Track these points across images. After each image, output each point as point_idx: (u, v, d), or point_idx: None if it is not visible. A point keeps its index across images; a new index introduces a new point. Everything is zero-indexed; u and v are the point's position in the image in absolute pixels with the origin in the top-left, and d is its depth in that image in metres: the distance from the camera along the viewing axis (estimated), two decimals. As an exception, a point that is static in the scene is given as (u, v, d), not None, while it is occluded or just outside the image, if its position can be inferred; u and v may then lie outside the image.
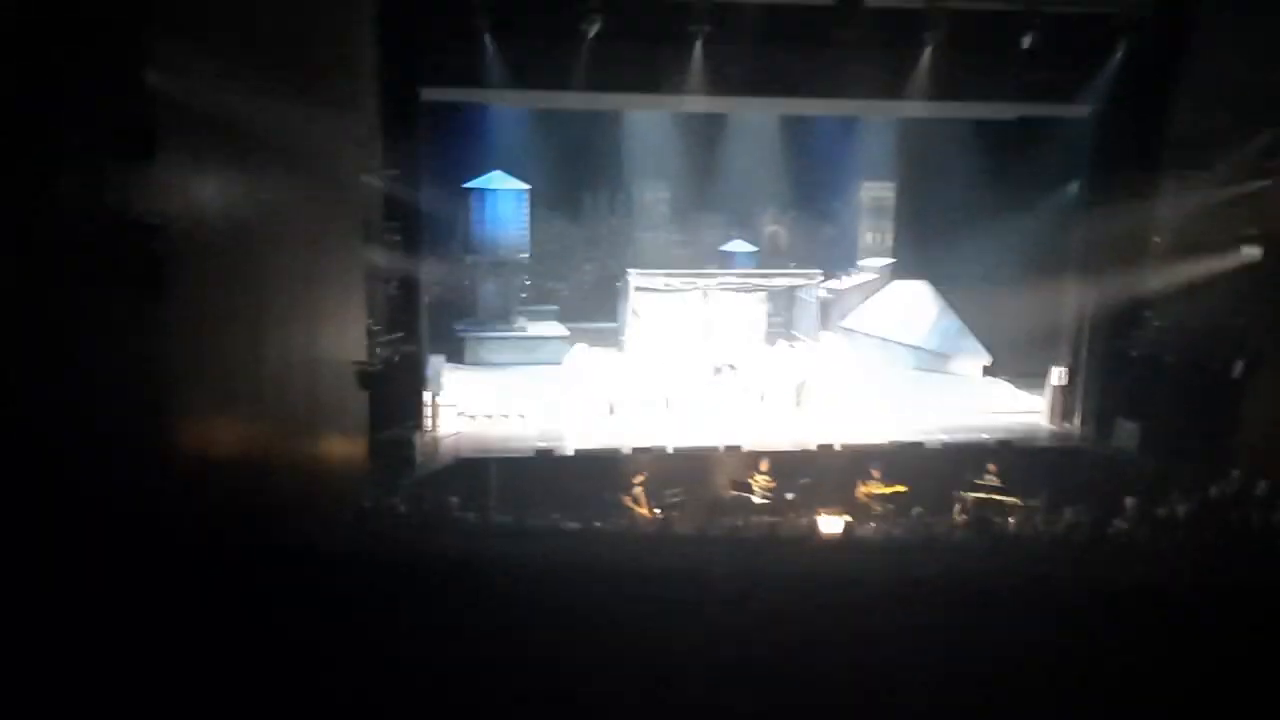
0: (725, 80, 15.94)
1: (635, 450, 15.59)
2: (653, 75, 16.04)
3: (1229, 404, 14.34)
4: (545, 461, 15.41)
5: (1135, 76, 16.19)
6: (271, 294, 10.35)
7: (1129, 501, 12.24)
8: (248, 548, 5.42)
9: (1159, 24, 13.88)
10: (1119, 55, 16.04)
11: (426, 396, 16.58)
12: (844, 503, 14.20)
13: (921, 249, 23.49)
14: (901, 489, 14.38)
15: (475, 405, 17.93)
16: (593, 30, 14.74)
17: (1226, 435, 14.32)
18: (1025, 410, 19.00)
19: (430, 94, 16.06)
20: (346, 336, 12.82)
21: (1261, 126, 14.15)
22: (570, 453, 15.80)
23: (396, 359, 14.78)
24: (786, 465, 15.02)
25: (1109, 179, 16.88)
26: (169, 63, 7.67)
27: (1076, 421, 17.94)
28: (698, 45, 15.43)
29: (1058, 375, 18.11)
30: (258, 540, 6.38)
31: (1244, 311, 14.41)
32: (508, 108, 20.81)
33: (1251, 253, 14.37)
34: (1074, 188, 18.36)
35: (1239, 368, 14.11)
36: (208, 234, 8.99)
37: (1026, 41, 15.33)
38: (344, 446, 12.85)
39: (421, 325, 16.57)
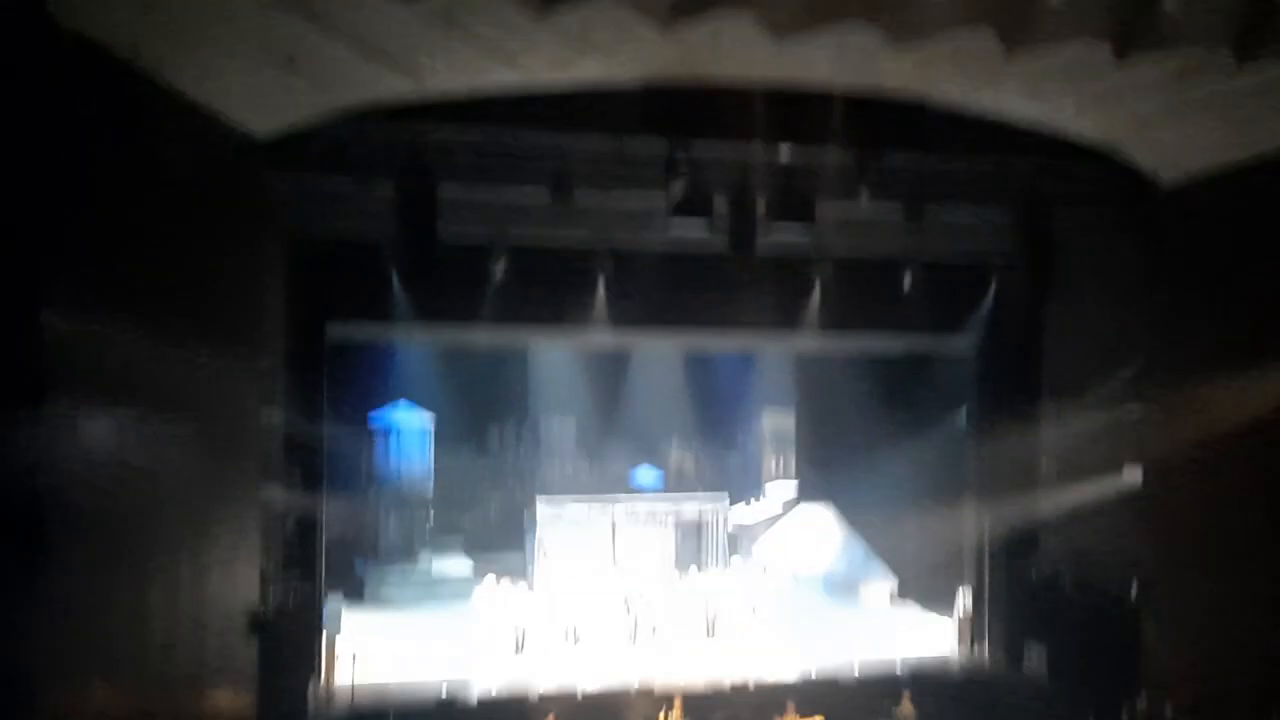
0: (627, 316, 16.55)
1: (543, 698, 14.92)
2: (557, 313, 16.58)
3: (1129, 625, 14.53)
4: (448, 713, 14.60)
5: (1008, 314, 17.35)
6: (160, 538, 9.94)
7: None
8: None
9: (1025, 265, 15.05)
10: (991, 294, 17.23)
11: (323, 641, 15.75)
12: (760, 742, 13.74)
13: (823, 475, 23.98)
14: (818, 724, 14.00)
15: (374, 649, 17.09)
16: (499, 271, 15.26)
17: (1130, 657, 14.42)
18: (935, 636, 18.92)
19: (337, 331, 16.22)
20: (239, 579, 12.26)
21: (1126, 358, 15.13)
22: (474, 703, 15.01)
23: (291, 602, 14.15)
24: (701, 704, 14.54)
25: (994, 408, 17.75)
26: (61, 302, 7.66)
27: (986, 647, 17.90)
28: (600, 284, 16.10)
29: (963, 600, 18.21)
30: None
31: (1133, 533, 14.87)
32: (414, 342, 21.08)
33: (1133, 475, 15.02)
34: (964, 414, 19.17)
35: (1135, 589, 14.40)
36: (95, 477, 8.71)
37: (907, 282, 16.35)
38: (231, 700, 12.01)
39: (319, 564, 15.98)
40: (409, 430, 22.35)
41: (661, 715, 14.22)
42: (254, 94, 10.43)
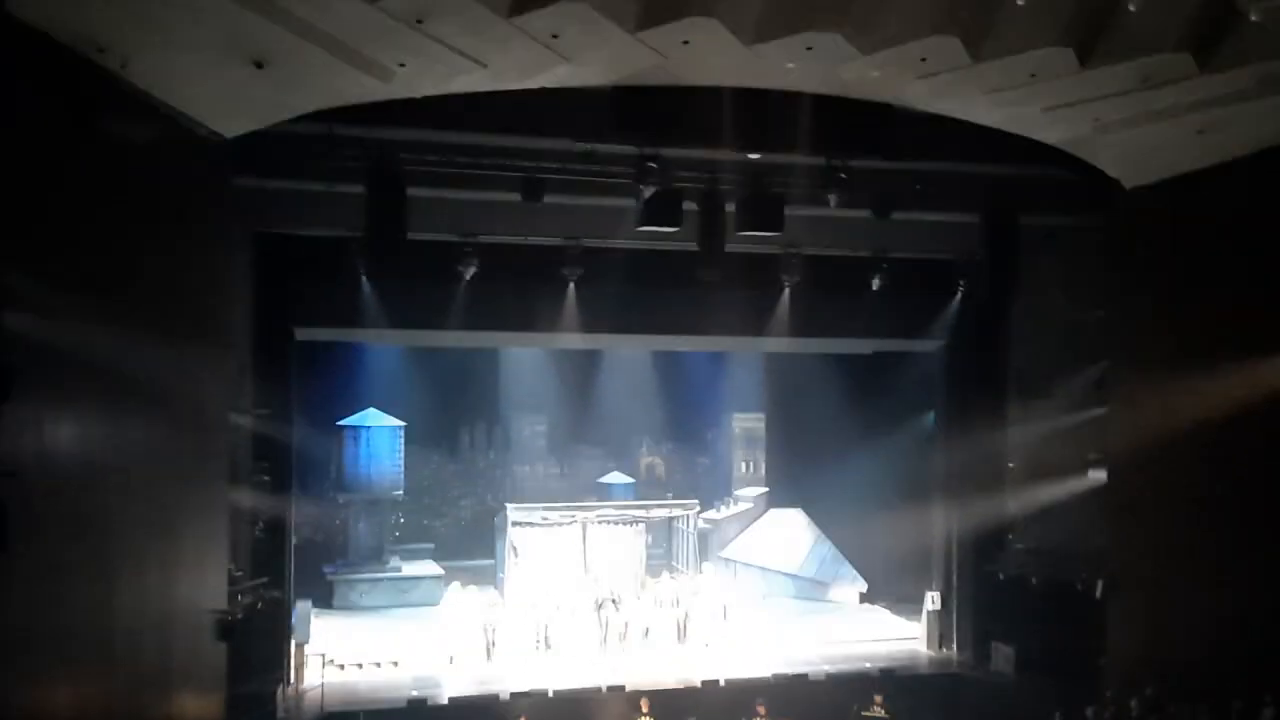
0: (597, 319, 16.59)
1: (514, 695, 14.91)
2: (527, 315, 16.60)
3: (1095, 623, 14.74)
4: (418, 713, 14.54)
5: (974, 315, 17.56)
6: (126, 540, 9.85)
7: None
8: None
9: (990, 268, 15.23)
10: (958, 296, 17.43)
11: (291, 645, 15.64)
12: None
13: (793, 477, 24.11)
14: (789, 724, 14.05)
15: (344, 653, 16.99)
16: (469, 273, 15.24)
17: (1096, 654, 14.63)
18: (904, 636, 19.08)
19: (305, 333, 16.13)
20: (206, 583, 12.16)
21: (1089, 359, 15.36)
22: (444, 701, 14.97)
23: (260, 606, 14.02)
24: (671, 704, 14.56)
25: (961, 409, 17.96)
26: (24, 302, 7.59)
27: (954, 646, 18.08)
28: (570, 287, 16.12)
29: (932, 600, 18.37)
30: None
31: (1098, 531, 15.09)
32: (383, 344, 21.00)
33: (1098, 475, 15.24)
34: (932, 416, 19.36)
35: (1100, 587, 14.61)
36: (61, 477, 8.63)
37: (875, 283, 16.50)
38: (198, 704, 11.90)
39: (288, 569, 15.88)
40: (378, 434, 22.22)
41: (634, 716, 14.22)
42: (222, 95, 10.38)
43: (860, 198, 14.11)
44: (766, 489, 25.55)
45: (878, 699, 14.41)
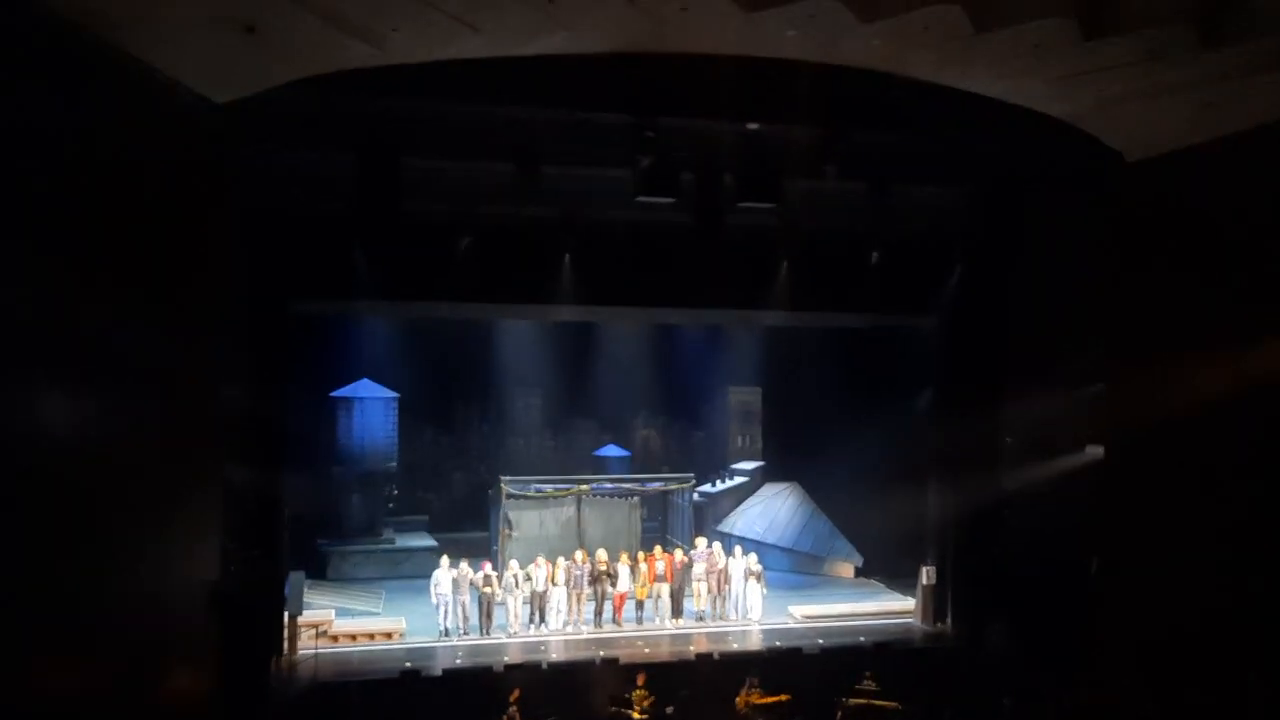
0: (593, 291, 16.45)
1: (508, 667, 14.92)
2: (522, 287, 16.45)
3: (1089, 601, 14.75)
4: (412, 683, 14.56)
5: (973, 291, 17.45)
6: (118, 515, 9.78)
7: (1005, 702, 12.27)
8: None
9: (990, 243, 15.16)
10: (957, 271, 17.31)
11: (285, 616, 15.63)
12: (725, 714, 13.79)
13: (789, 452, 24.10)
14: (784, 698, 14.09)
15: (338, 624, 17.02)
16: (463, 244, 15.09)
17: (1090, 632, 14.64)
18: (899, 611, 19.13)
19: (299, 305, 16.00)
20: (200, 556, 12.12)
21: (1089, 336, 15.26)
22: (438, 673, 14.99)
23: (253, 578, 13.99)
24: (665, 677, 14.59)
25: (958, 384, 17.86)
26: (13, 275, 7.48)
27: (949, 622, 18.12)
28: (566, 259, 15.98)
29: (927, 575, 18.39)
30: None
31: (1095, 509, 15.06)
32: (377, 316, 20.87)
33: (1095, 451, 15.20)
34: (930, 393, 19.29)
35: (1094, 564, 14.61)
36: (50, 454, 8.54)
37: (873, 258, 16.38)
38: (193, 675, 11.89)
39: (282, 541, 15.83)
40: (371, 405, 22.15)
41: (628, 690, 14.24)
42: (212, 60, 10.19)
43: (859, 171, 13.98)
44: (762, 463, 25.55)
45: (869, 673, 14.47)
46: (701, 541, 19.16)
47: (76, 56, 8.70)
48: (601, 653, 15.73)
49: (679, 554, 18.85)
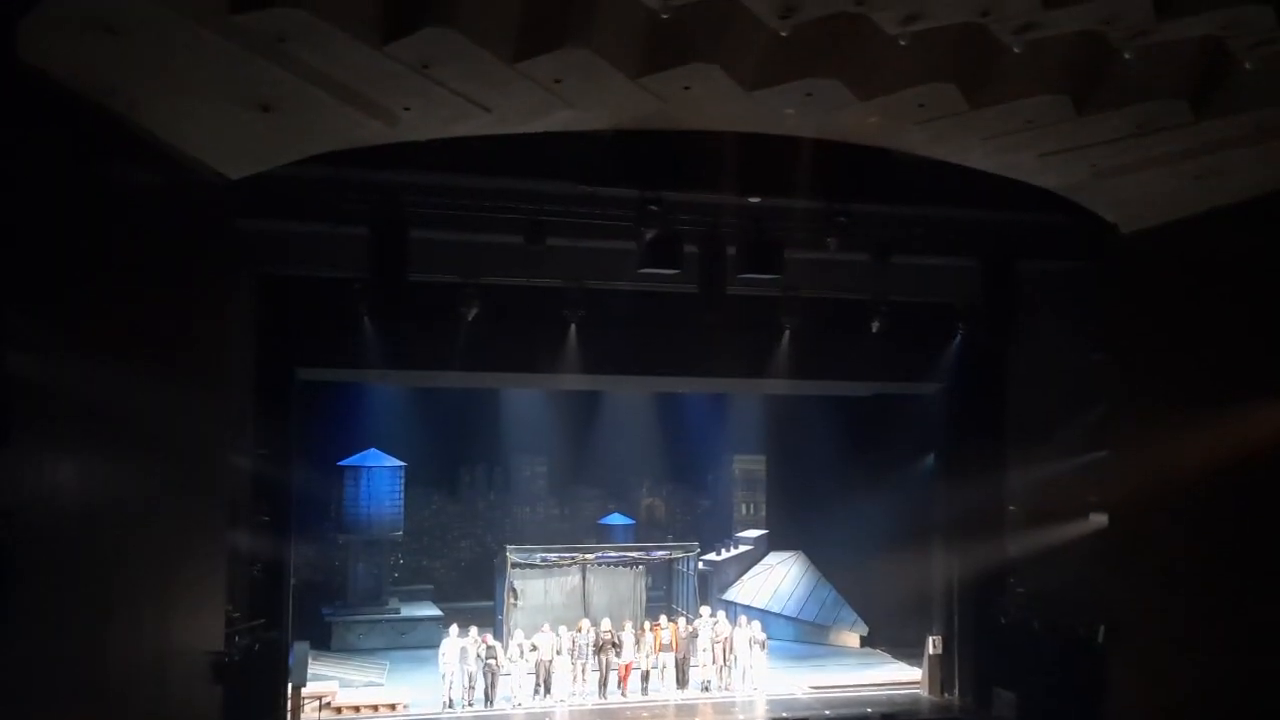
0: (598, 360, 16.62)
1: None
2: (529, 356, 16.62)
3: (1097, 668, 14.60)
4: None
5: (974, 358, 17.58)
6: (124, 581, 9.80)
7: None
8: None
9: (990, 311, 15.27)
10: (958, 339, 17.47)
11: (289, 688, 15.50)
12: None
13: (794, 519, 24.02)
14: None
15: (341, 695, 16.87)
16: (470, 314, 15.29)
17: (1098, 699, 14.47)
18: (905, 680, 18.91)
19: (307, 374, 16.15)
20: (203, 625, 12.08)
21: (1089, 403, 15.34)
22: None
23: (257, 647, 13.92)
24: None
25: (961, 451, 17.91)
26: (27, 342, 7.61)
27: (955, 691, 17.91)
28: (572, 328, 16.16)
29: (933, 644, 18.23)
30: None
31: (1100, 576, 14.98)
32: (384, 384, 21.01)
33: (1099, 519, 15.16)
34: (933, 459, 19.30)
35: (1101, 632, 14.48)
36: (59, 518, 8.60)
37: (875, 326, 16.54)
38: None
39: (287, 610, 15.77)
40: (378, 474, 22.17)
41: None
42: (227, 137, 10.47)
43: (860, 241, 14.20)
44: (767, 531, 25.44)
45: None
46: (706, 610, 19.04)
47: (94, 132, 8.95)
48: (606, 722, 15.59)
49: (683, 623, 18.72)
